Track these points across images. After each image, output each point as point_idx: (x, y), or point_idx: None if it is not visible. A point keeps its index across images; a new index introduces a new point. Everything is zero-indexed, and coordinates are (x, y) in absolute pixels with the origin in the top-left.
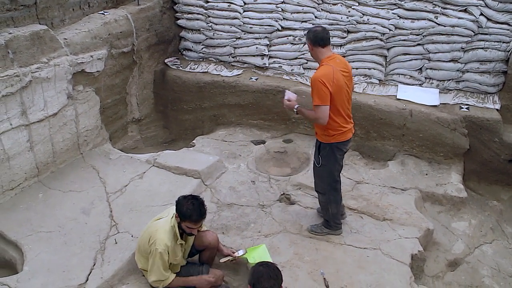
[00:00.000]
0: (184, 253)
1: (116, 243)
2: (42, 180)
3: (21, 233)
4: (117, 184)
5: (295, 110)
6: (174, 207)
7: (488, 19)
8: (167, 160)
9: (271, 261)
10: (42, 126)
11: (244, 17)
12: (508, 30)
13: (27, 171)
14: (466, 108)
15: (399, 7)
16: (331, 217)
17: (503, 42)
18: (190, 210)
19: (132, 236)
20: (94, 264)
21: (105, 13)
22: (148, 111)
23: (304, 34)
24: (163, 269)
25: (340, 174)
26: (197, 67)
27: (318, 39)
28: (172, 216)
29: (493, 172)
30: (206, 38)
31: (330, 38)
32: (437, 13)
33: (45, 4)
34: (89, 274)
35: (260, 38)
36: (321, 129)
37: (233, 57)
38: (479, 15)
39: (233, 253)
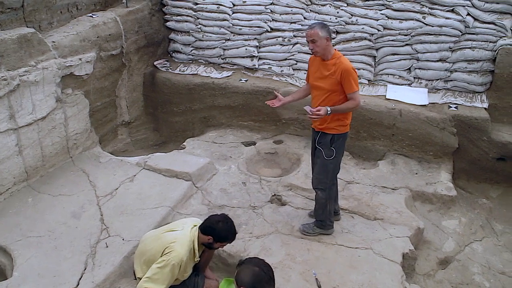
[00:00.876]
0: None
1: (107, 246)
2: (31, 184)
3: (11, 238)
4: (108, 187)
5: (329, 112)
6: (188, 219)
7: (475, 19)
8: (157, 162)
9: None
10: (30, 130)
11: (233, 19)
12: (494, 29)
13: (16, 175)
14: (455, 107)
15: (387, 8)
16: (327, 216)
17: (490, 42)
18: (230, 233)
19: (123, 239)
20: (85, 268)
21: (94, 16)
22: (138, 114)
23: (320, 28)
24: (167, 282)
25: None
26: (186, 69)
27: (330, 34)
28: (191, 231)
29: (482, 170)
30: (196, 40)
31: None
32: (425, 13)
33: (33, 7)
34: (80, 279)
35: (250, 40)
36: (338, 120)
37: (222, 59)
38: (466, 15)
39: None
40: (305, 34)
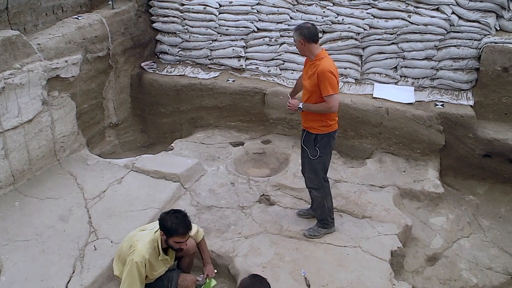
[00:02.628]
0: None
1: (95, 249)
2: (18, 188)
3: None
4: (96, 189)
5: (300, 108)
6: (155, 223)
7: (460, 18)
8: (145, 164)
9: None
10: (17, 133)
11: (220, 19)
12: (479, 28)
13: (2, 179)
14: (441, 105)
15: (373, 7)
16: (327, 213)
17: (475, 40)
18: (175, 224)
19: (111, 242)
20: (73, 272)
21: (79, 18)
22: (125, 116)
23: (295, 31)
24: (139, 281)
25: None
26: (173, 70)
27: (312, 35)
28: (156, 230)
29: (469, 167)
30: (182, 41)
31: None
32: (410, 12)
33: (17, 9)
34: (68, 282)
35: (236, 40)
36: (319, 121)
37: (209, 60)
38: (451, 14)
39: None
40: None
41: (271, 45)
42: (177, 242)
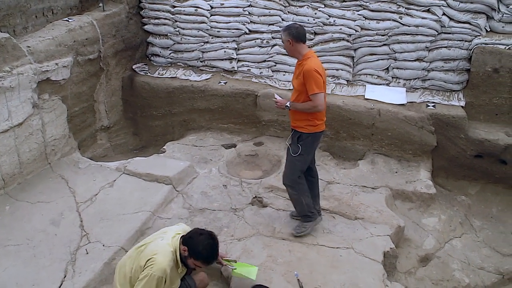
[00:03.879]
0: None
1: (87, 253)
2: (8, 192)
3: None
4: (87, 193)
5: (288, 106)
6: (169, 228)
7: (451, 19)
8: (137, 167)
9: (254, 279)
10: (7, 137)
11: (212, 21)
12: (469, 29)
13: None
14: (433, 106)
15: (364, 9)
16: (306, 209)
17: (466, 41)
18: (207, 251)
19: (103, 245)
20: (65, 276)
21: (70, 20)
22: (117, 118)
23: (283, 31)
24: None
25: (316, 174)
26: (165, 73)
27: (301, 35)
28: (172, 240)
29: (460, 167)
30: (174, 43)
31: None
32: (402, 13)
33: (7, 11)
34: (59, 287)
35: (228, 42)
36: (306, 120)
37: (201, 62)
38: (442, 15)
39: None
40: None
41: (263, 46)
42: (196, 264)
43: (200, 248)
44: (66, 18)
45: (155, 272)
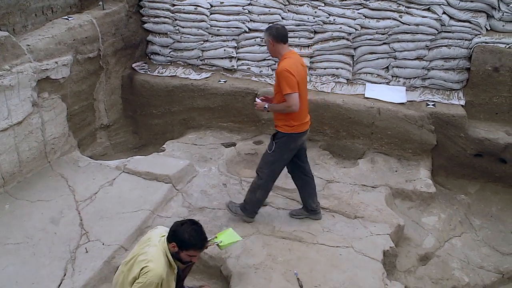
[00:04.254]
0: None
1: (87, 252)
2: (8, 191)
3: None
4: (87, 192)
5: (266, 107)
6: (151, 232)
7: (451, 18)
8: (137, 165)
9: (240, 239)
10: (6, 135)
11: (211, 20)
12: (469, 27)
13: None
14: (433, 105)
15: (364, 7)
16: (253, 202)
17: (466, 40)
18: (193, 237)
19: (103, 244)
20: (65, 275)
21: (69, 18)
22: (116, 117)
23: (265, 31)
24: None
25: (310, 172)
26: (165, 71)
27: (281, 35)
28: (159, 243)
29: (460, 166)
30: (174, 42)
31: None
32: (402, 12)
33: (6, 10)
34: (59, 285)
35: (228, 41)
36: (283, 120)
37: (201, 60)
38: (442, 14)
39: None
40: None
41: (263, 45)
42: (191, 255)
43: (186, 236)
44: (66, 17)
45: (151, 279)
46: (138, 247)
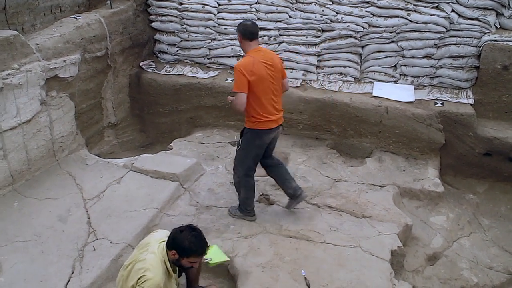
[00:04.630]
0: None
1: (94, 250)
2: (17, 189)
3: None
4: (94, 190)
5: (229, 102)
6: (150, 237)
7: (459, 15)
8: (144, 164)
9: (228, 259)
10: (15, 134)
11: (219, 18)
12: (478, 26)
13: (1, 179)
14: (441, 104)
15: (372, 5)
16: (243, 201)
17: (475, 38)
18: (194, 243)
19: (111, 242)
20: (72, 272)
21: (78, 17)
22: (124, 115)
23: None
24: None
25: (277, 161)
26: (172, 70)
27: (247, 32)
28: (158, 250)
29: (469, 165)
30: (181, 40)
31: (258, 32)
32: (410, 10)
33: (15, 9)
34: (67, 283)
35: (235, 39)
36: (246, 115)
37: (208, 59)
38: (451, 12)
39: None
40: None
41: (270, 44)
42: (192, 262)
43: (187, 244)
44: (74, 16)
45: None
46: (137, 251)
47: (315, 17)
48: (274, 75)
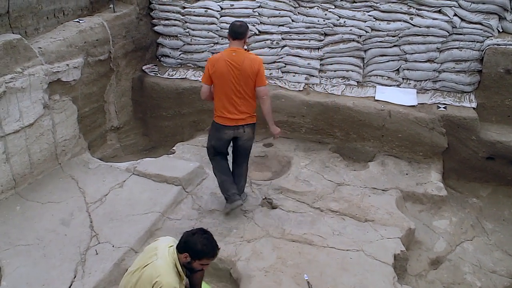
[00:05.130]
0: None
1: (97, 253)
2: (19, 192)
3: None
4: (97, 193)
5: None
6: (158, 242)
7: (462, 19)
8: (147, 168)
9: None
10: (18, 137)
11: (221, 22)
12: (481, 29)
13: (3, 183)
14: (444, 107)
15: (374, 9)
16: (221, 188)
17: (477, 42)
18: (206, 246)
19: (113, 246)
20: (75, 276)
21: (81, 21)
22: (127, 119)
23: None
24: None
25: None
26: (175, 73)
27: (231, 31)
28: (168, 253)
29: (472, 169)
30: (184, 44)
31: (243, 33)
32: (412, 14)
33: (18, 13)
34: (69, 287)
35: None
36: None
37: None
38: (453, 16)
39: None
40: None
41: (273, 47)
42: (203, 264)
43: (199, 246)
44: (77, 19)
45: None
46: (144, 256)
47: (318, 21)
48: (237, 76)
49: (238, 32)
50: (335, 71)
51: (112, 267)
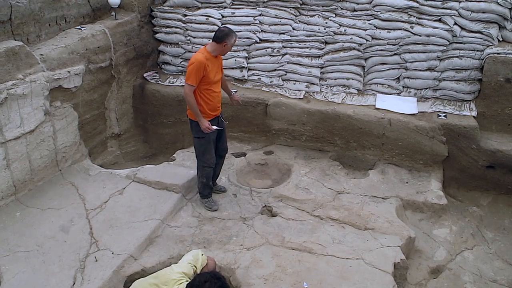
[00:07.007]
0: None
1: (96, 260)
2: (19, 198)
3: None
4: (97, 200)
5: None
6: (168, 269)
7: (462, 28)
8: (147, 175)
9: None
10: (18, 143)
11: None
12: (481, 38)
13: (3, 189)
14: (444, 116)
15: (375, 18)
16: (200, 187)
17: (477, 51)
18: None
19: (113, 253)
20: (74, 283)
21: (82, 28)
22: (127, 126)
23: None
24: None
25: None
26: (176, 81)
27: (214, 35)
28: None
29: (472, 178)
30: (185, 52)
31: (222, 37)
32: (413, 23)
33: (21, 20)
34: None
35: (239, 51)
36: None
37: None
38: (453, 25)
39: None
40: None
41: (274, 55)
42: None
43: None
44: (79, 27)
45: None
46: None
47: (319, 29)
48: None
49: (217, 36)
50: (335, 79)
51: (111, 274)
